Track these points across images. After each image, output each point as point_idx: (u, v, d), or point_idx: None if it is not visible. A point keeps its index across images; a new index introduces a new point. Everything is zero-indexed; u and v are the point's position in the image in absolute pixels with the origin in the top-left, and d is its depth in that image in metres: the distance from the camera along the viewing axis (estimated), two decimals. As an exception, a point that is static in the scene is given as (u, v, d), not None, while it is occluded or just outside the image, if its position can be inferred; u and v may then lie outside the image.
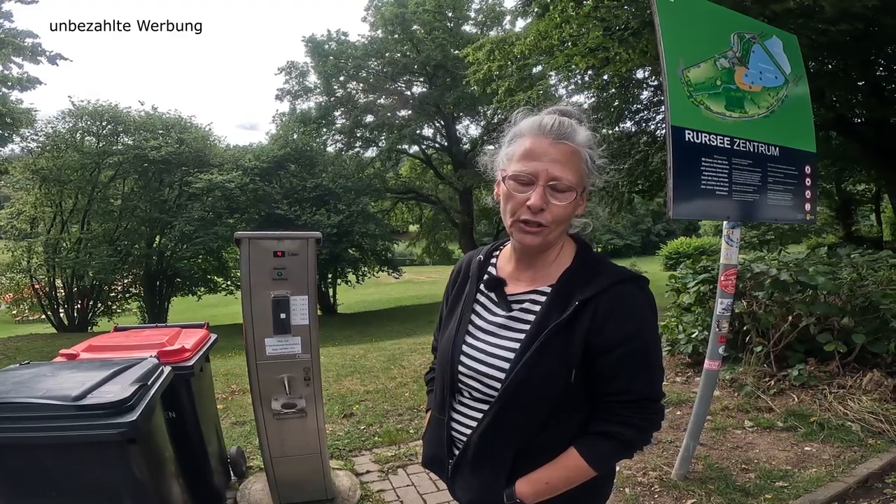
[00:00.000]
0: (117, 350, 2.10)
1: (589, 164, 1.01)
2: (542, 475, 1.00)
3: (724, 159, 2.28)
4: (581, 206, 1.04)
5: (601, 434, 1.00)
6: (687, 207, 2.18)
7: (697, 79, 2.29)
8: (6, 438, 1.30)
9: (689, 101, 2.23)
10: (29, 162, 15.92)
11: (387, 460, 3.13)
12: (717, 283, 4.18)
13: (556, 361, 0.97)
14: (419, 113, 20.68)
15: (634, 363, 0.98)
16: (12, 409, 1.31)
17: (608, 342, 0.96)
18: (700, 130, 2.23)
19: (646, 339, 0.99)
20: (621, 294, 0.98)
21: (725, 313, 2.52)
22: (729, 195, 2.30)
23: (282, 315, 2.17)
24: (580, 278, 1.01)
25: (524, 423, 1.00)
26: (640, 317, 0.99)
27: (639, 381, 0.99)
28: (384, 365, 5.94)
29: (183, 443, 2.10)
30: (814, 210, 2.68)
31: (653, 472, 2.87)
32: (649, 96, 10.78)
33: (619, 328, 0.96)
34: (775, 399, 3.65)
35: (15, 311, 18.08)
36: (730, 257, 2.45)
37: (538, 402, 0.99)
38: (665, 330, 4.80)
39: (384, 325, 15.20)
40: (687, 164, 2.18)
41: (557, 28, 7.57)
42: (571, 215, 1.01)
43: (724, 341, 2.58)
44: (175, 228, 16.17)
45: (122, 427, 1.34)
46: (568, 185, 0.97)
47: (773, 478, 2.71)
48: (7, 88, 10.58)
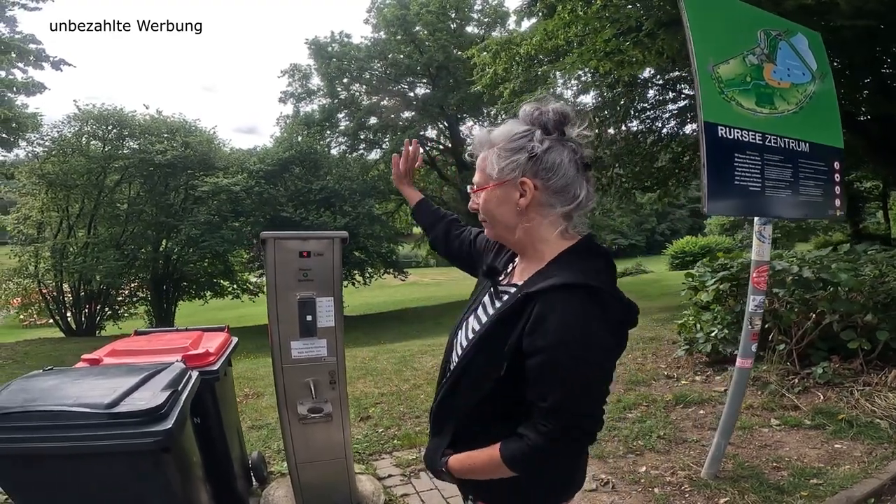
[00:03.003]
0: (141, 354, 2.06)
1: (503, 154, 1.03)
2: (468, 456, 1.07)
3: (757, 155, 2.27)
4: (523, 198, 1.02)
5: (517, 434, 0.99)
6: (721, 203, 2.18)
7: (727, 75, 2.29)
8: (36, 448, 1.25)
9: (720, 97, 2.22)
10: (35, 167, 15.94)
11: (408, 464, 3.09)
12: (737, 280, 4.22)
13: (492, 352, 1.00)
14: (423, 114, 20.67)
15: (553, 374, 0.93)
16: (42, 418, 1.26)
17: (533, 346, 0.94)
18: (732, 126, 2.22)
19: (565, 355, 0.92)
20: (560, 300, 0.94)
21: (758, 310, 2.48)
22: (762, 191, 2.29)
23: (308, 317, 2.13)
24: (543, 275, 1.00)
25: (464, 403, 1.07)
26: (571, 328, 0.92)
27: (556, 392, 0.93)
28: (396, 367, 5.91)
29: (208, 448, 2.06)
30: (843, 206, 2.65)
31: (681, 471, 2.84)
32: (655, 95, 10.74)
33: (545, 335, 0.92)
34: (800, 397, 3.62)
35: (23, 315, 18.10)
36: (762, 254, 2.41)
37: (476, 385, 1.04)
38: (682, 329, 4.75)
39: (391, 328, 15.17)
40: (720, 160, 2.16)
41: (565, 27, 7.52)
42: (499, 205, 1.05)
43: (756, 339, 2.55)
44: (181, 232, 16.17)
45: (158, 436, 1.29)
46: (478, 183, 1.09)
47: (806, 475, 2.68)
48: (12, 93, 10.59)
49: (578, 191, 1.03)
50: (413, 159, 1.62)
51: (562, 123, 1.03)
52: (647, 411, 3.70)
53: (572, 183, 1.02)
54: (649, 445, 3.15)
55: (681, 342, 4.82)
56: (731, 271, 4.24)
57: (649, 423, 3.45)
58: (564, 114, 1.02)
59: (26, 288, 16.59)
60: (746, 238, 27.98)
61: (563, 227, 1.05)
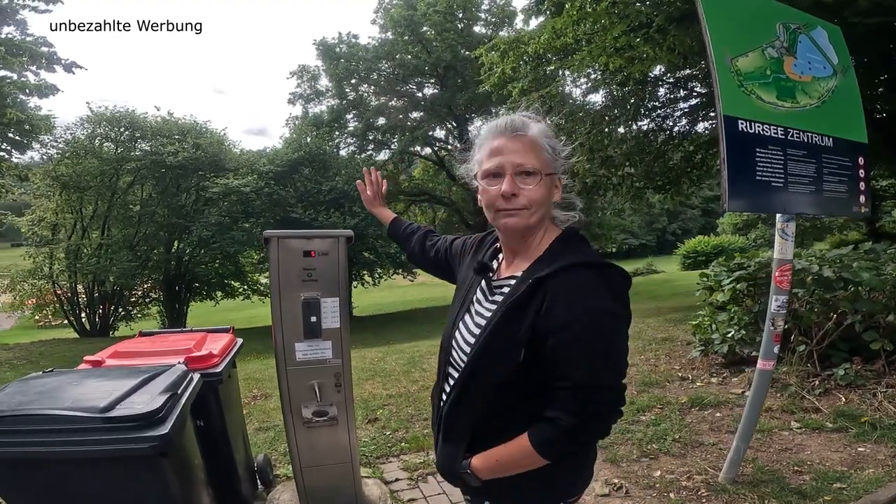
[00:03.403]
0: (143, 356, 2.03)
1: (549, 151, 1.10)
2: (494, 453, 1.05)
3: (779, 150, 2.20)
4: (557, 191, 1.12)
5: (546, 419, 1.00)
6: (742, 200, 2.11)
7: (746, 68, 2.24)
8: (29, 453, 1.22)
9: (739, 90, 2.17)
10: (49, 169, 16.18)
11: (415, 467, 3.03)
12: (754, 280, 4.11)
13: (508, 339, 1.01)
14: (431, 114, 20.61)
15: (575, 349, 0.96)
16: (36, 422, 1.23)
17: (552, 325, 0.96)
18: (753, 120, 2.16)
19: (589, 326, 0.96)
20: (573, 277, 0.99)
21: (781, 311, 2.40)
22: (784, 187, 2.22)
23: (312, 318, 2.08)
24: (546, 261, 1.05)
25: (481, 400, 1.06)
26: (588, 301, 0.97)
27: (581, 367, 0.97)
28: (404, 368, 5.86)
29: (211, 452, 2.02)
30: (868, 203, 2.55)
31: (698, 475, 2.76)
32: (666, 93, 10.60)
33: (563, 311, 0.96)
34: (822, 399, 3.53)
35: (38, 316, 18.37)
36: (785, 252, 2.32)
37: (493, 379, 1.03)
38: (697, 329, 4.64)
39: (400, 328, 15.14)
40: (741, 155, 2.10)
41: (574, 25, 7.42)
42: (545, 197, 1.08)
43: (778, 340, 2.47)
44: (193, 233, 16.31)
45: (154, 441, 1.25)
46: (532, 168, 1.06)
47: (829, 479, 2.60)
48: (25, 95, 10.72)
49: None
50: (377, 184, 1.74)
51: None
52: (661, 414, 3.61)
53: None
54: (664, 449, 3.06)
55: (695, 343, 4.72)
56: (748, 271, 4.14)
57: (664, 426, 3.36)
58: None
59: (41, 289, 16.85)
60: (760, 237, 27.58)
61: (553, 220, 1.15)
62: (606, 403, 1.00)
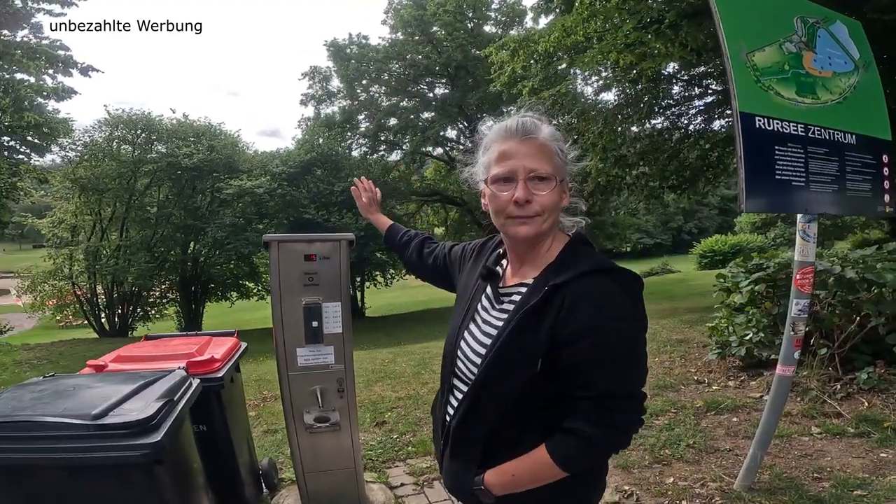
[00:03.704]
0: (146, 361, 2.02)
1: (560, 155, 1.06)
2: (510, 467, 1.00)
3: (800, 147, 2.12)
4: (565, 197, 1.08)
5: (567, 430, 0.97)
6: (761, 199, 2.04)
7: (764, 63, 2.15)
8: (21, 459, 1.21)
9: (756, 85, 2.09)
10: (68, 171, 16.53)
11: (422, 472, 2.99)
12: (773, 281, 3.99)
13: (523, 349, 0.97)
14: (442, 114, 20.56)
15: (598, 357, 0.94)
16: (28, 429, 1.22)
17: (572, 334, 0.94)
18: (771, 117, 2.08)
19: (612, 332, 0.94)
20: (591, 284, 0.96)
21: (802, 315, 2.31)
22: (806, 186, 2.13)
23: (314, 323, 2.05)
24: (559, 268, 1.02)
25: (494, 412, 1.02)
26: (608, 309, 0.95)
27: (603, 376, 0.94)
28: (414, 370, 5.83)
29: (213, 456, 2.01)
30: (893, 201, 2.44)
31: (712, 483, 2.68)
32: (680, 91, 10.42)
33: (582, 319, 0.93)
34: (843, 404, 3.42)
35: (59, 316, 18.78)
36: (806, 254, 2.24)
37: (506, 390, 0.99)
38: (713, 332, 4.53)
39: (412, 328, 15.14)
40: (759, 153, 2.03)
41: (584, 23, 7.32)
42: (557, 203, 1.05)
43: (799, 345, 2.38)
44: (208, 234, 16.52)
45: (146, 448, 1.23)
46: (546, 174, 1.02)
47: (849, 486, 2.50)
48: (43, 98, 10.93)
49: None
50: (370, 190, 1.76)
51: None
52: (675, 418, 3.53)
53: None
54: (677, 455, 2.98)
55: (712, 345, 4.61)
56: (767, 272, 4.02)
57: (677, 431, 3.28)
58: None
59: (61, 290, 17.21)
60: (780, 237, 27.00)
61: (560, 225, 1.11)
62: (629, 413, 0.98)
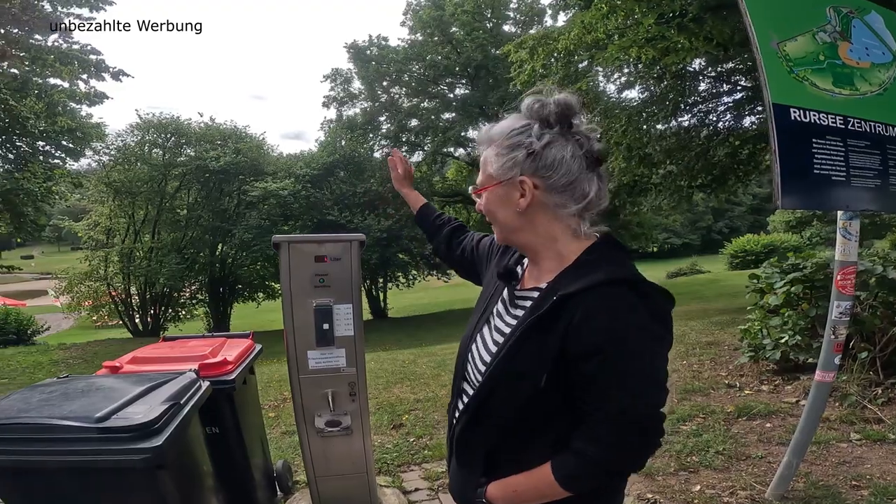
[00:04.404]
0: (160, 362, 2.03)
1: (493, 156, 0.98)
2: (513, 481, 0.96)
3: (839, 141, 2.00)
4: (517, 196, 0.96)
5: (573, 449, 0.91)
6: (797, 196, 1.93)
7: (796, 53, 2.04)
8: (25, 461, 1.21)
9: (790, 76, 1.98)
10: (102, 175, 17.15)
11: (437, 476, 2.94)
12: (811, 282, 3.80)
13: (527, 362, 0.91)
14: (463, 115, 20.51)
15: (610, 376, 0.86)
16: (31, 431, 1.22)
17: (583, 349, 0.86)
18: (807, 108, 1.97)
19: (628, 350, 0.86)
20: (607, 296, 0.87)
21: (843, 318, 2.17)
22: (846, 181, 2.01)
23: (325, 325, 2.02)
24: (573, 275, 0.93)
25: (497, 423, 0.97)
26: (624, 322, 0.86)
27: (615, 396, 0.86)
28: (434, 371, 5.79)
29: (225, 459, 2.00)
30: (941, 197, 2.26)
31: (742, 491, 2.56)
32: (708, 88, 10.10)
33: (595, 334, 0.85)
34: (884, 409, 3.25)
35: (95, 316, 19.49)
36: (848, 253, 2.10)
37: (510, 402, 0.94)
38: (746, 334, 4.35)
39: (434, 329, 15.13)
40: (795, 147, 1.92)
41: (604, 19, 7.15)
42: (497, 208, 0.99)
43: (840, 350, 2.25)
44: (235, 236, 16.89)
45: (146, 453, 1.21)
46: (479, 184, 1.02)
47: (889, 495, 2.38)
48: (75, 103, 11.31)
49: (587, 188, 0.95)
50: (404, 162, 1.63)
51: (566, 115, 0.94)
52: (703, 423, 3.39)
53: (578, 180, 0.94)
54: (705, 462, 2.86)
55: (744, 348, 4.42)
56: (803, 272, 3.82)
57: (706, 437, 3.15)
58: (568, 104, 0.94)
59: (97, 290, 17.85)
60: (816, 235, 25.94)
61: (577, 227, 0.97)
62: (640, 436, 0.89)
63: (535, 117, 0.95)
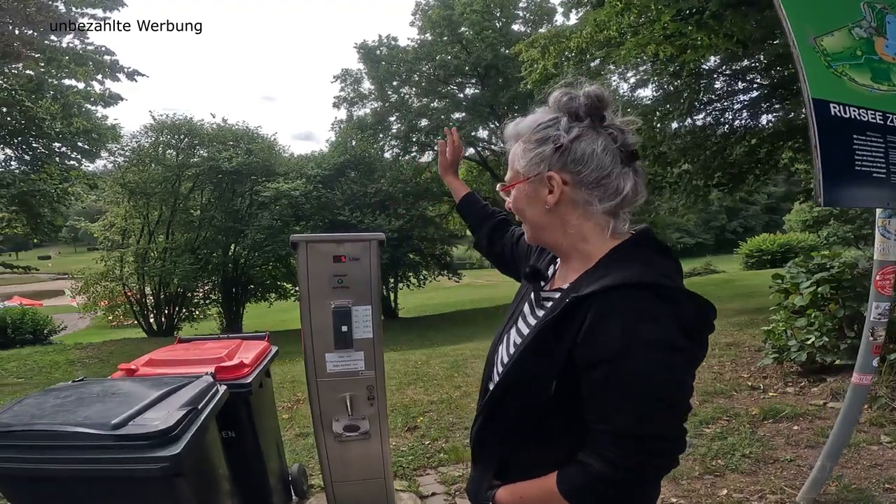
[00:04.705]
0: (176, 365, 2.00)
1: (521, 152, 0.95)
2: (520, 488, 0.93)
3: (879, 137, 1.95)
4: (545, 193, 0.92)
5: (578, 462, 0.85)
6: (839, 193, 1.87)
7: (834, 48, 2.00)
8: (40, 469, 1.17)
9: (828, 71, 1.94)
10: (118, 176, 17.35)
11: (454, 480, 2.89)
12: (838, 282, 3.70)
13: (537, 367, 0.87)
14: (473, 115, 20.44)
15: (620, 390, 0.79)
16: (46, 438, 1.19)
17: (591, 357, 0.80)
18: (847, 104, 1.93)
19: (636, 364, 0.78)
20: (621, 300, 0.80)
21: (882, 319, 2.11)
22: (887, 178, 1.96)
23: (343, 328, 1.97)
24: (594, 274, 0.87)
25: (509, 426, 0.94)
26: (635, 333, 0.78)
27: (622, 411, 0.80)
28: (447, 372, 5.74)
29: (241, 463, 1.96)
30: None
31: (772, 495, 2.50)
32: (723, 86, 9.95)
33: (605, 342, 0.79)
34: None
35: (111, 316, 19.75)
36: (887, 252, 2.03)
37: (521, 406, 0.91)
38: (770, 335, 4.25)
39: (445, 329, 15.09)
40: (836, 143, 1.87)
41: (617, 16, 7.03)
42: (525, 205, 0.96)
43: (878, 352, 2.18)
44: (247, 237, 16.99)
45: (165, 461, 1.17)
46: (508, 180, 0.99)
47: None
48: (90, 104, 11.41)
49: (621, 184, 0.89)
50: (458, 148, 1.56)
51: (596, 108, 0.90)
52: (727, 426, 3.31)
53: (610, 175, 0.89)
54: (731, 465, 2.79)
55: (767, 349, 4.32)
56: (830, 271, 3.71)
57: (731, 441, 3.07)
58: (599, 97, 0.89)
59: (113, 290, 18.08)
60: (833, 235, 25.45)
61: (609, 225, 0.91)
62: (655, 454, 0.82)
63: (564, 110, 0.91)
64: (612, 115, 0.91)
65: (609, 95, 0.91)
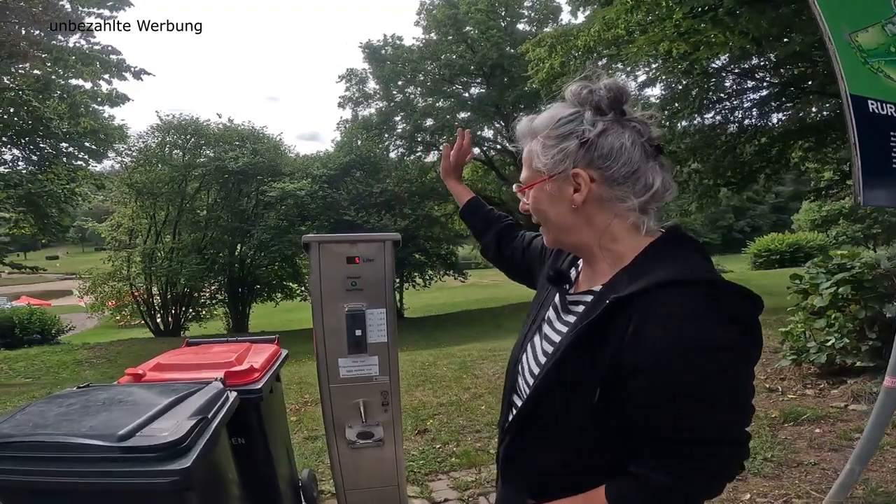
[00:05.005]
0: (184, 370, 1.93)
1: (540, 149, 0.88)
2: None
3: None
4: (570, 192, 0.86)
5: (631, 474, 0.79)
6: (880, 192, 1.83)
7: (869, 44, 1.95)
8: (42, 482, 1.12)
9: (864, 67, 1.90)
10: (125, 176, 17.41)
11: (467, 486, 2.82)
12: (859, 283, 3.61)
13: (578, 374, 0.80)
14: (478, 114, 20.36)
15: (671, 394, 0.73)
16: (49, 449, 1.13)
17: (636, 363, 0.74)
18: (885, 101, 1.89)
19: (694, 366, 0.72)
20: (669, 300, 0.74)
21: None
22: None
23: (357, 331, 1.90)
24: (632, 274, 0.81)
25: (546, 441, 0.87)
26: (688, 333, 0.72)
27: (676, 418, 0.74)
28: (456, 374, 5.67)
29: (251, 470, 1.90)
30: None
31: (797, 499, 2.45)
32: (732, 85, 9.82)
33: (654, 346, 0.73)
34: None
35: (118, 316, 19.83)
36: None
37: (560, 417, 0.83)
38: (787, 337, 4.16)
39: (451, 329, 15.03)
40: (876, 141, 1.83)
41: (626, 14, 6.93)
42: (548, 206, 0.89)
43: None
44: (253, 237, 17.01)
45: (174, 475, 1.11)
46: (524, 182, 0.93)
47: None
48: (97, 104, 11.42)
49: (651, 179, 0.84)
50: (465, 152, 1.50)
51: (618, 101, 0.85)
52: (747, 429, 3.23)
53: (640, 170, 0.84)
54: (753, 469, 2.73)
55: (785, 351, 4.23)
56: (851, 272, 3.62)
57: (752, 444, 2.94)
58: (620, 89, 0.85)
59: (120, 290, 18.15)
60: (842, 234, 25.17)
61: (641, 222, 0.85)
62: (713, 459, 0.76)
63: (586, 104, 0.86)
64: (632, 109, 0.86)
65: (629, 87, 0.86)
